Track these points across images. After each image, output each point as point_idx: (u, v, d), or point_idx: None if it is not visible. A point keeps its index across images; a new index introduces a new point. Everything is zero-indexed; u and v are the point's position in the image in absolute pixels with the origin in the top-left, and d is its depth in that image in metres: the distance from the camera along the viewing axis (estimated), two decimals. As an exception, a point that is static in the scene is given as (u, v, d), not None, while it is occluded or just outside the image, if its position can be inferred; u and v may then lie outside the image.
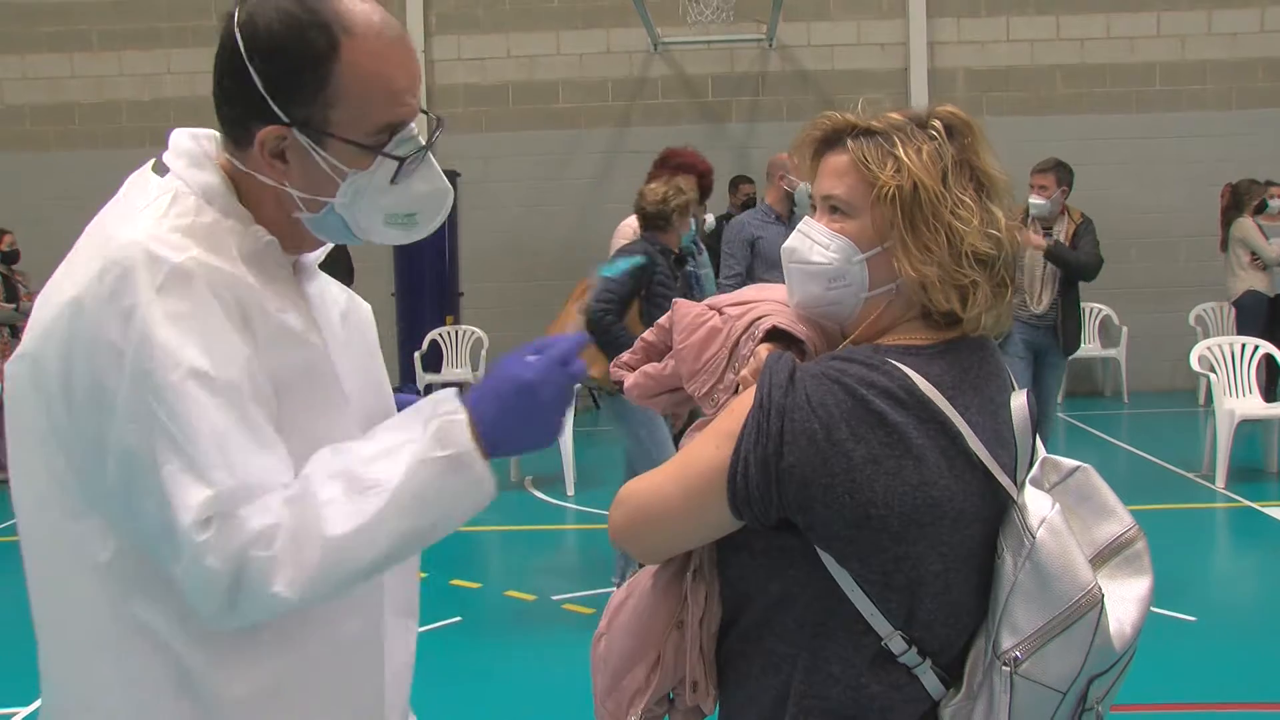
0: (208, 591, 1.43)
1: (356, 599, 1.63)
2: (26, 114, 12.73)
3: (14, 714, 4.60)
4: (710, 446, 1.63)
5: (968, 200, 1.63)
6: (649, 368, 1.90)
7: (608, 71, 12.51)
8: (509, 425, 1.55)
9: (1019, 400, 1.71)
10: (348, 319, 1.78)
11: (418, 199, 1.63)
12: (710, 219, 9.75)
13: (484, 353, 11.53)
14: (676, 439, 5.30)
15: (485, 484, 1.54)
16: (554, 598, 6.02)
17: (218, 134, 1.64)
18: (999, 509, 1.62)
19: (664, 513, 1.68)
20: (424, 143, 1.61)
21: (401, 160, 1.58)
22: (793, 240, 1.73)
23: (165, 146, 1.65)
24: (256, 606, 1.45)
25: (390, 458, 1.50)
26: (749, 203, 10.55)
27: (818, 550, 1.59)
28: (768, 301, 1.79)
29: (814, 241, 1.69)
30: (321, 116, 1.54)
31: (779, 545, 1.63)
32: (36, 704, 4.82)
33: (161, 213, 1.54)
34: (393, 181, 1.59)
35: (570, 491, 8.40)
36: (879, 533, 1.54)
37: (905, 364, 1.59)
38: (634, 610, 1.81)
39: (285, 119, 1.53)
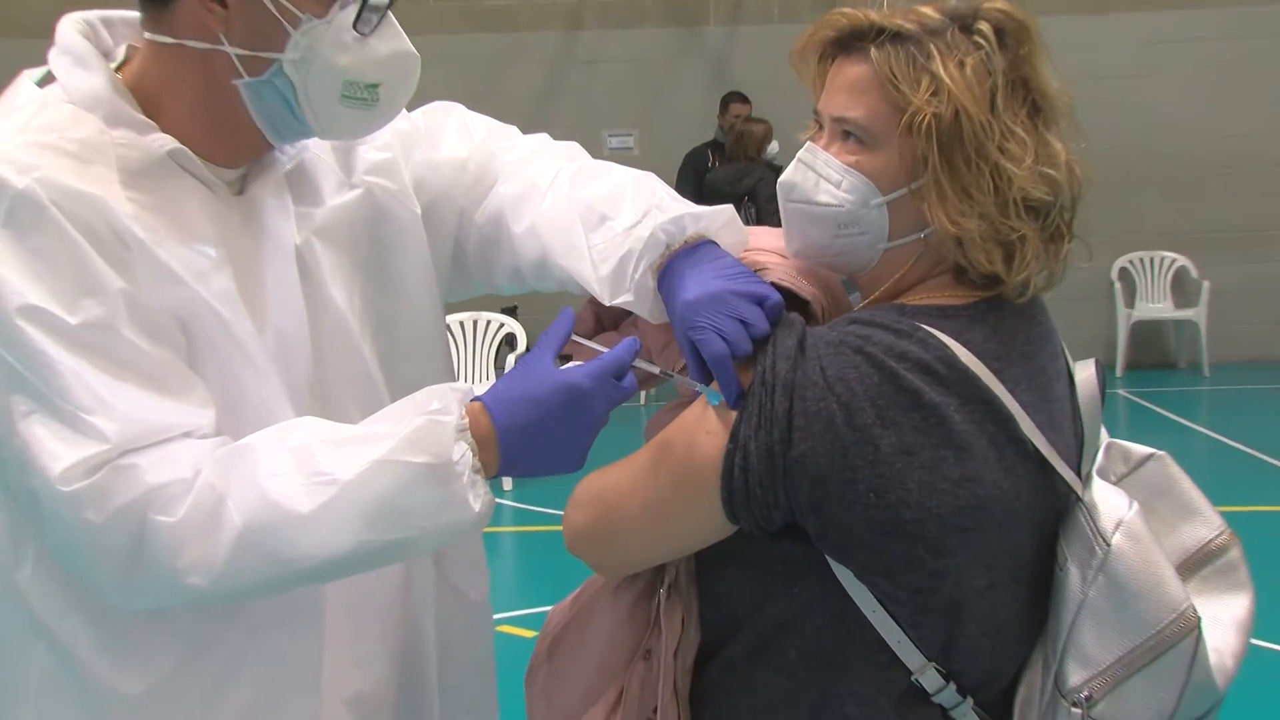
0: (94, 555, 1.54)
1: (288, 608, 1.72)
2: None
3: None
4: (698, 433, 1.62)
5: (1020, 131, 1.59)
6: (601, 341, 1.85)
7: (552, -42, 12.45)
8: (538, 439, 1.62)
9: (1085, 372, 1.71)
10: (329, 239, 1.83)
11: (380, 64, 1.69)
12: (775, 146, 9.89)
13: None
14: None
15: (463, 506, 1.59)
16: (487, 618, 6.01)
17: (135, 14, 1.71)
18: (1058, 509, 1.62)
19: (638, 516, 1.67)
20: None
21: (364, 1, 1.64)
22: (792, 173, 1.71)
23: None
24: (161, 585, 1.54)
25: (356, 449, 1.58)
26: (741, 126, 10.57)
27: (830, 562, 1.59)
28: (762, 251, 1.79)
29: (820, 176, 1.67)
30: None
31: (781, 556, 1.63)
32: None
33: (19, 127, 1.61)
34: (355, 28, 1.64)
35: (506, 485, 8.41)
36: (912, 541, 1.53)
37: (941, 329, 1.58)
38: (589, 635, 1.81)
39: None
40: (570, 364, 1.65)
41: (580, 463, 1.65)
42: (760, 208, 9.53)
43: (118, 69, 1.73)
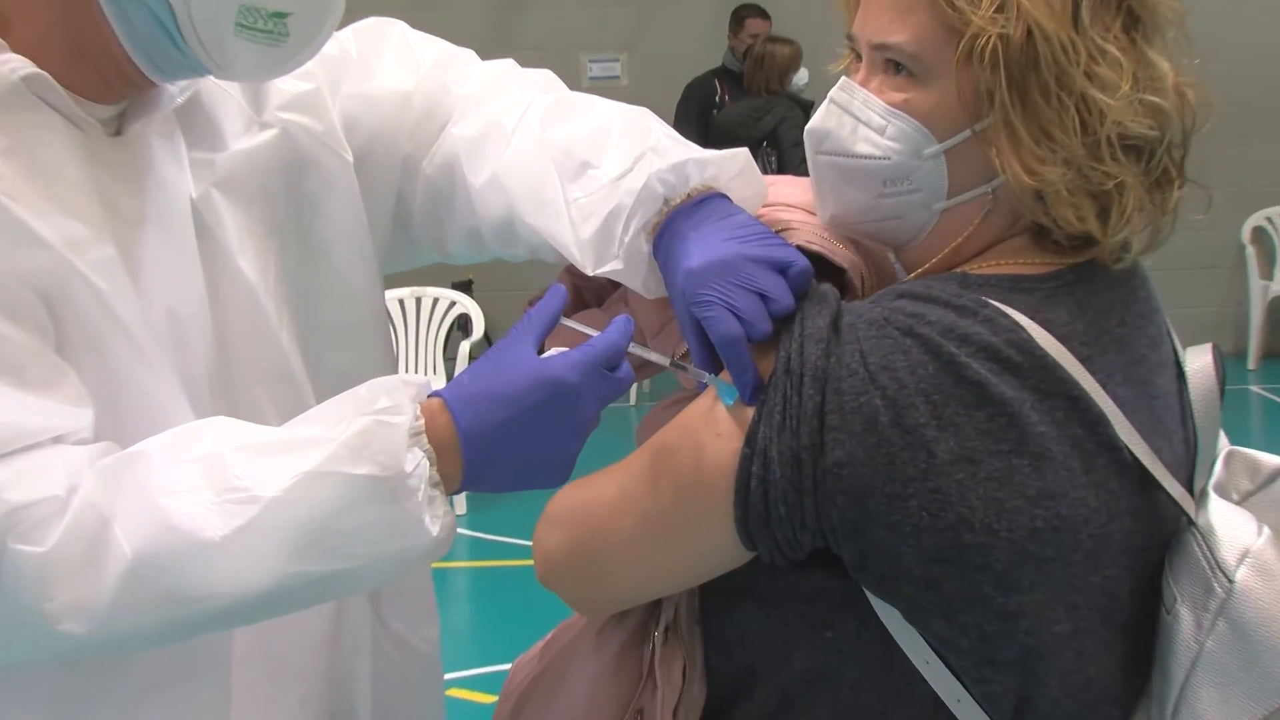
0: None
1: (185, 663, 1.71)
2: None
3: None
4: (705, 435, 1.63)
5: (1112, 50, 1.58)
6: (583, 318, 1.89)
7: None
8: (511, 446, 1.61)
9: (1199, 361, 1.71)
10: (235, 193, 1.83)
11: None
12: (804, 75, 9.70)
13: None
14: None
15: (417, 530, 1.58)
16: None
17: None
18: (1164, 535, 1.63)
19: (629, 539, 1.68)
20: None
21: None
22: (823, 118, 1.72)
23: None
24: (24, 632, 1.52)
25: (282, 458, 1.57)
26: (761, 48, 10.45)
27: (872, 600, 1.61)
28: (784, 206, 1.80)
29: (858, 120, 1.68)
30: None
31: (809, 591, 1.65)
32: None
33: None
34: None
35: (460, 509, 8.40)
36: (976, 572, 1.54)
37: (1013, 306, 1.58)
38: (565, 691, 1.82)
39: None
40: (550, 351, 1.64)
41: (565, 476, 1.65)
42: (784, 154, 9.37)
43: None
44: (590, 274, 1.75)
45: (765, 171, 1.80)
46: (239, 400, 1.79)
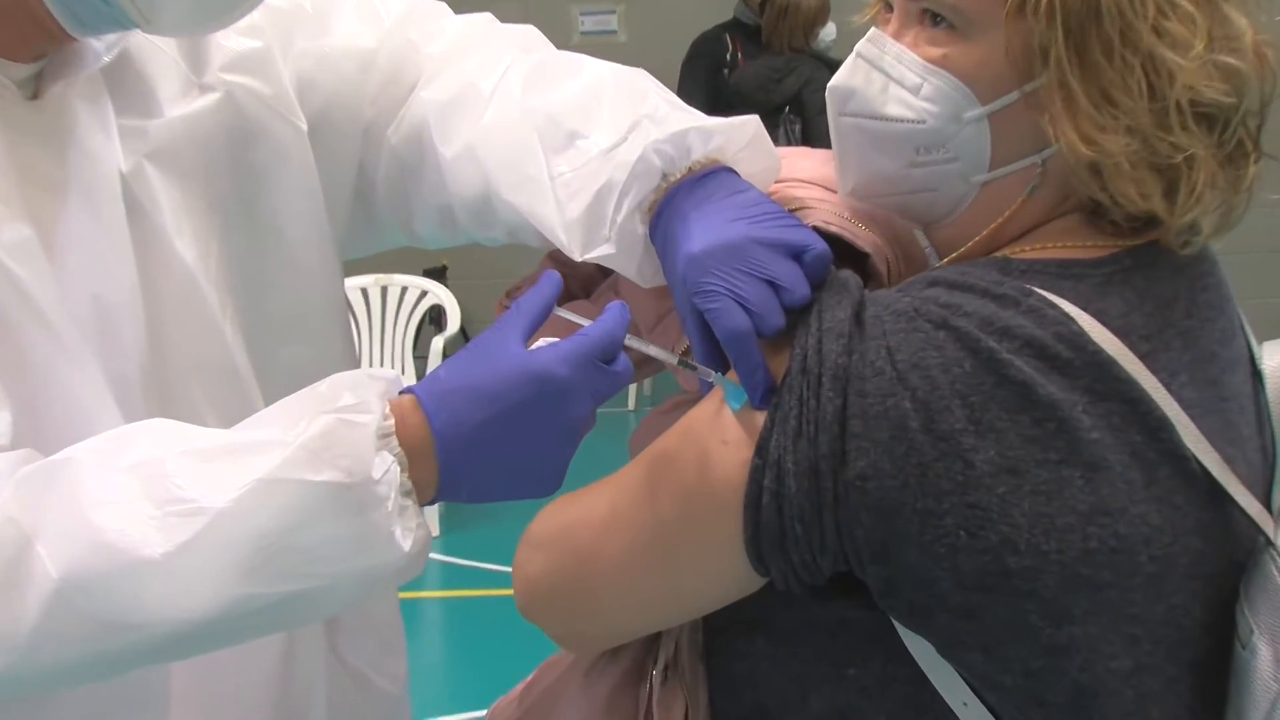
0: None
1: (116, 702, 1.71)
2: None
3: None
4: (711, 443, 1.63)
5: (1185, 4, 1.57)
6: (571, 308, 1.86)
7: None
8: (493, 449, 1.60)
9: (1279, 358, 1.71)
10: (172, 166, 1.82)
11: None
12: (832, 29, 9.60)
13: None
14: None
15: (387, 544, 1.57)
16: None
17: None
18: (1238, 557, 1.62)
19: (623, 563, 1.68)
20: None
21: None
22: (849, 74, 1.72)
23: None
24: None
25: (231, 464, 1.55)
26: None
27: (901, 632, 1.61)
28: (799, 183, 1.80)
29: (889, 78, 1.68)
30: None
31: (829, 622, 1.65)
32: None
33: None
34: None
35: (435, 531, 8.39)
36: (1021, 600, 1.53)
37: (1062, 295, 1.58)
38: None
39: None
40: (538, 343, 1.63)
41: (554, 484, 1.64)
42: (809, 121, 9.24)
43: None
44: (578, 259, 1.74)
45: (788, 142, 1.79)
46: (175, 400, 1.78)
